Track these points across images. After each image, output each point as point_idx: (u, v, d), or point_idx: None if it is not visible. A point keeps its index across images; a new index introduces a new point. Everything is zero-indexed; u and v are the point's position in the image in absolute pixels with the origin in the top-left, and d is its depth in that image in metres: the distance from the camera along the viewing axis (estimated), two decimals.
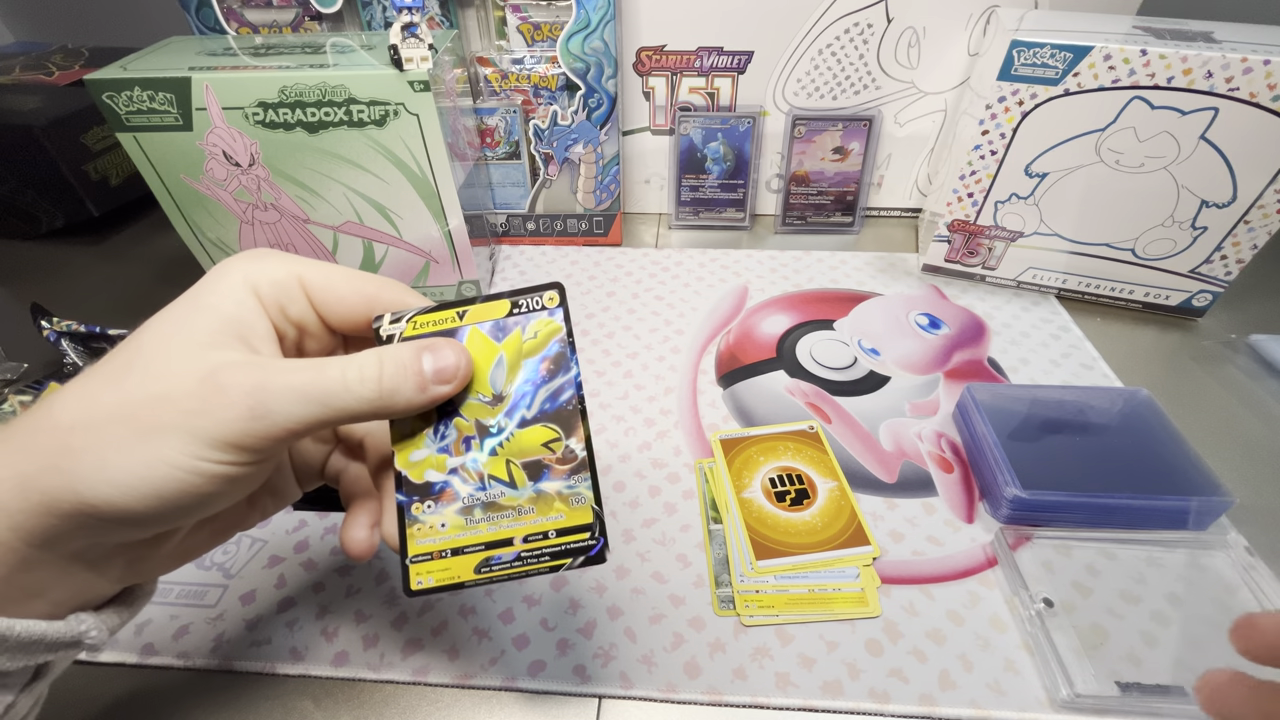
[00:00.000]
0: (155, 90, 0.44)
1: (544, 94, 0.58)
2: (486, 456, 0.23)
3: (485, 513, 0.23)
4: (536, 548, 0.23)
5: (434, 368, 0.21)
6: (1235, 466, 0.42)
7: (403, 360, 0.21)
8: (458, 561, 0.23)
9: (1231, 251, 0.50)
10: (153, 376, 0.18)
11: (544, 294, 0.24)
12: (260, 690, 0.32)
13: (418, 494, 0.23)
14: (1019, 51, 0.47)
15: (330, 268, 0.23)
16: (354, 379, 0.20)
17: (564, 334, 0.23)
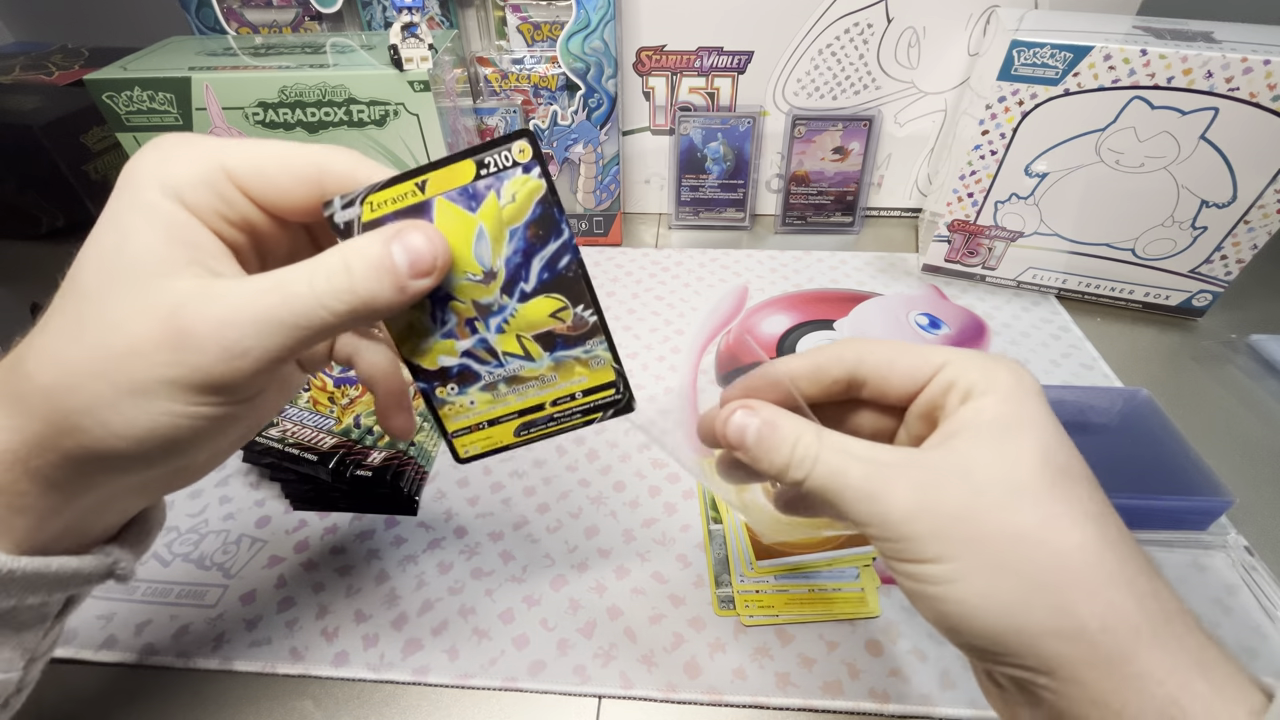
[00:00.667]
0: (155, 90, 0.44)
1: (544, 94, 0.58)
2: (495, 335, 0.22)
3: (509, 386, 0.23)
4: (566, 408, 0.23)
5: (407, 260, 0.19)
6: (1235, 466, 0.42)
7: (370, 258, 0.18)
8: (496, 430, 0.24)
9: (1231, 251, 0.50)
10: (112, 325, 0.17)
11: (513, 146, 0.20)
12: (260, 690, 0.32)
13: (437, 379, 0.23)
14: (1019, 51, 0.47)
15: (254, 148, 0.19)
16: (324, 291, 0.18)
17: (545, 191, 0.20)
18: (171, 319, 0.17)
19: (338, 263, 0.18)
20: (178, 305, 0.17)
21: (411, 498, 0.40)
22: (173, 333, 0.17)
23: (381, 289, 0.18)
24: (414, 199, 0.20)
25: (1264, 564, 0.36)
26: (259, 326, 0.17)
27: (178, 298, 0.17)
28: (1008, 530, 0.18)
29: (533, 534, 0.38)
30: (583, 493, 0.41)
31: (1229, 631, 0.33)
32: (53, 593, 0.20)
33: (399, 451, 0.40)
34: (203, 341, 0.17)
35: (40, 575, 0.19)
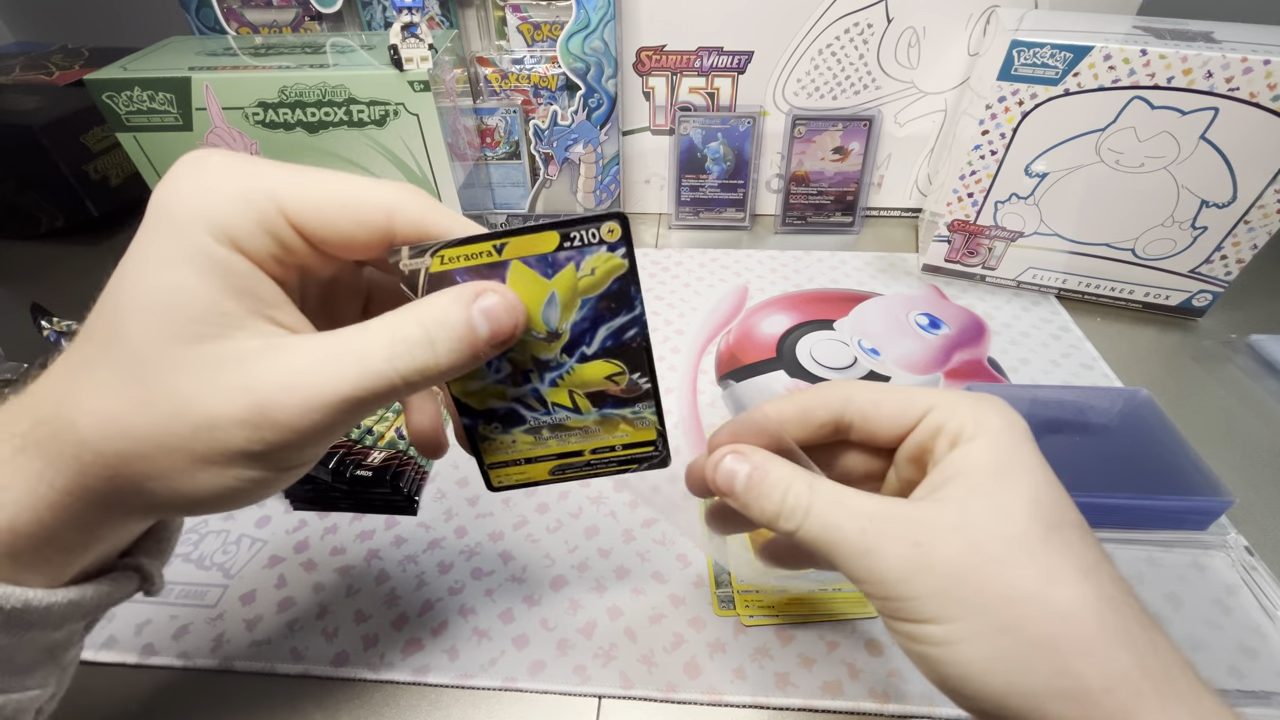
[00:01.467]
0: (155, 90, 0.44)
1: (544, 94, 0.58)
2: (548, 387, 0.22)
3: (552, 432, 0.23)
4: (604, 457, 0.24)
5: (489, 331, 0.18)
6: (1235, 466, 0.42)
7: (454, 328, 0.18)
8: (532, 467, 0.24)
9: (1231, 251, 0.50)
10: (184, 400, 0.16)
11: (601, 226, 0.19)
12: (260, 690, 0.32)
13: (482, 418, 0.23)
14: (1019, 51, 0.47)
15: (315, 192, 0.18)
16: (407, 370, 0.17)
17: (626, 271, 0.20)
18: (250, 395, 0.16)
19: (419, 335, 0.17)
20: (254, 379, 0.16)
21: (411, 498, 0.40)
22: (253, 410, 0.16)
23: (462, 360, 0.18)
24: (489, 259, 0.19)
25: (1264, 564, 0.36)
26: (337, 405, 0.17)
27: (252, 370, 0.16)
28: (1007, 588, 0.18)
29: (533, 534, 0.38)
30: (583, 493, 0.41)
31: (1229, 631, 0.33)
32: (86, 616, 0.20)
33: (399, 452, 0.40)
34: (285, 422, 0.16)
35: (75, 605, 0.19)
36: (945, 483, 0.20)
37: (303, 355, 0.17)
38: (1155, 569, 0.36)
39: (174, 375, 0.16)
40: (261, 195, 0.17)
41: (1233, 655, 0.32)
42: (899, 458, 0.23)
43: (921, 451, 0.21)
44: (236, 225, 0.17)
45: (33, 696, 0.19)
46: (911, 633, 0.19)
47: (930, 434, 0.21)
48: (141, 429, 0.16)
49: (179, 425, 0.16)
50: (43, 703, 0.20)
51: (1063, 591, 0.18)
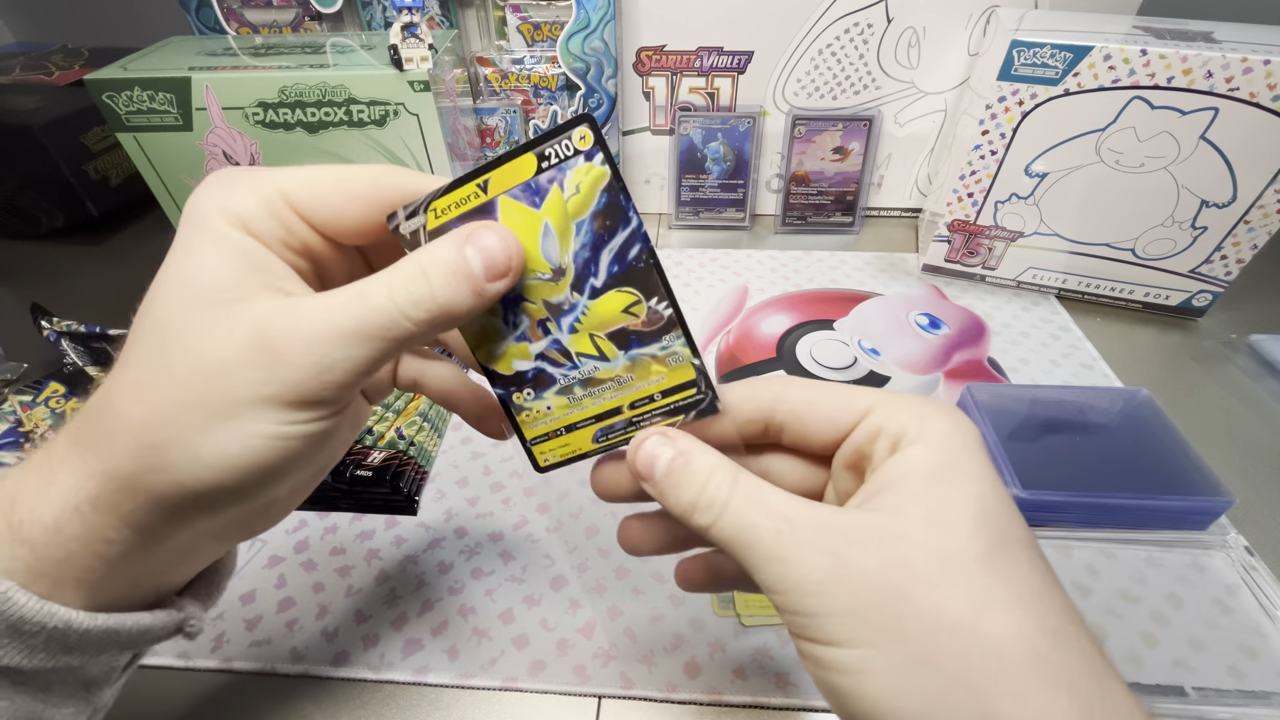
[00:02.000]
0: (155, 90, 0.44)
1: (544, 94, 0.58)
2: (568, 335, 0.21)
3: (585, 389, 0.22)
4: (645, 411, 0.22)
5: (482, 263, 0.18)
6: (1235, 466, 0.42)
7: (447, 263, 0.18)
8: (574, 436, 0.23)
9: (1231, 251, 0.50)
10: (199, 351, 0.17)
11: (573, 134, 0.19)
12: (260, 690, 0.32)
13: (513, 384, 0.22)
14: (1019, 51, 0.47)
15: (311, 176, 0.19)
16: (404, 301, 0.17)
17: (610, 178, 0.19)
18: (259, 338, 0.17)
19: (414, 270, 0.18)
20: (262, 324, 0.17)
21: (411, 498, 0.40)
22: (261, 351, 0.17)
23: (460, 294, 0.18)
24: (477, 200, 0.19)
25: (1264, 564, 0.36)
26: (345, 339, 0.17)
27: (261, 316, 0.17)
28: (931, 614, 0.16)
29: (533, 534, 0.38)
30: (583, 493, 0.41)
31: (1229, 631, 0.33)
32: (123, 651, 0.20)
33: (399, 451, 0.40)
34: (292, 357, 0.17)
35: (113, 633, 0.19)
36: (880, 490, 0.18)
37: (306, 301, 0.18)
38: (1155, 569, 0.36)
39: (189, 335, 0.17)
40: (268, 186, 0.19)
41: (1233, 655, 0.32)
42: (836, 465, 0.21)
43: (859, 457, 0.20)
44: (248, 212, 0.18)
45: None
46: (818, 656, 0.17)
47: (868, 437, 0.19)
48: (161, 390, 0.17)
49: (193, 379, 0.17)
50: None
51: (997, 622, 0.15)
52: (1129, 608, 0.34)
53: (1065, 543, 0.37)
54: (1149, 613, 0.34)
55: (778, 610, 0.18)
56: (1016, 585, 0.16)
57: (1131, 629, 0.33)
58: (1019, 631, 0.15)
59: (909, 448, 0.18)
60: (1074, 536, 0.37)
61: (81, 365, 0.46)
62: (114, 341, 0.48)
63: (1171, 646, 0.33)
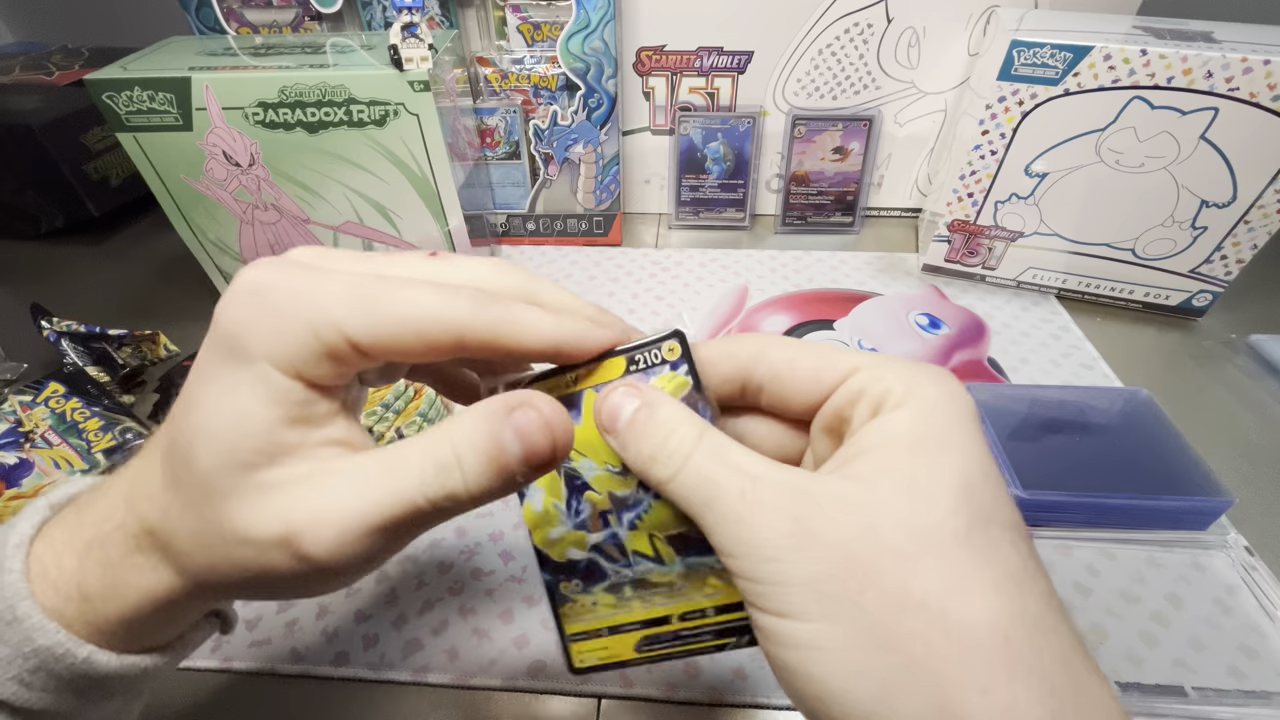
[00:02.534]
0: (155, 90, 0.44)
1: (544, 94, 0.58)
2: (627, 531, 0.21)
3: (636, 590, 0.21)
4: (695, 626, 0.21)
5: (522, 453, 0.17)
6: (1235, 466, 0.42)
7: (483, 452, 0.17)
8: (616, 640, 0.22)
9: (1231, 251, 0.50)
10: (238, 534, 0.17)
11: (662, 345, 0.19)
12: (260, 690, 0.32)
13: (563, 572, 0.22)
14: (1019, 51, 0.47)
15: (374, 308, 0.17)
16: (437, 496, 0.17)
17: (690, 389, 0.19)
18: (285, 541, 0.17)
19: (449, 459, 0.17)
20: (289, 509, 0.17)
21: None
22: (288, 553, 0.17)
23: (495, 485, 0.17)
24: (566, 390, 0.20)
25: (1264, 564, 0.36)
26: (368, 536, 0.17)
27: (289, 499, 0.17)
28: (899, 592, 0.14)
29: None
30: None
31: (1229, 631, 0.33)
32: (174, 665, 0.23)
33: None
34: (314, 556, 0.17)
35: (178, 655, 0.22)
36: (856, 455, 0.16)
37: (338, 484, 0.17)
38: (1155, 569, 0.36)
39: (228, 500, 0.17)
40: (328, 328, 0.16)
41: (1233, 655, 0.32)
42: (814, 429, 0.19)
43: (839, 421, 0.18)
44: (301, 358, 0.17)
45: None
46: (771, 628, 0.16)
47: (850, 399, 0.18)
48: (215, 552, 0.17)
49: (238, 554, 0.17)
50: None
51: (969, 605, 0.14)
52: (1129, 608, 0.34)
53: (1065, 543, 0.37)
54: (1149, 613, 0.34)
55: (733, 576, 0.17)
56: (995, 567, 0.15)
57: (1131, 629, 0.33)
58: (992, 617, 0.14)
59: (892, 412, 0.16)
60: (1074, 536, 0.37)
61: (81, 365, 0.46)
62: (113, 341, 0.48)
63: (1171, 646, 0.33)
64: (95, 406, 0.42)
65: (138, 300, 0.58)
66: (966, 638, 0.14)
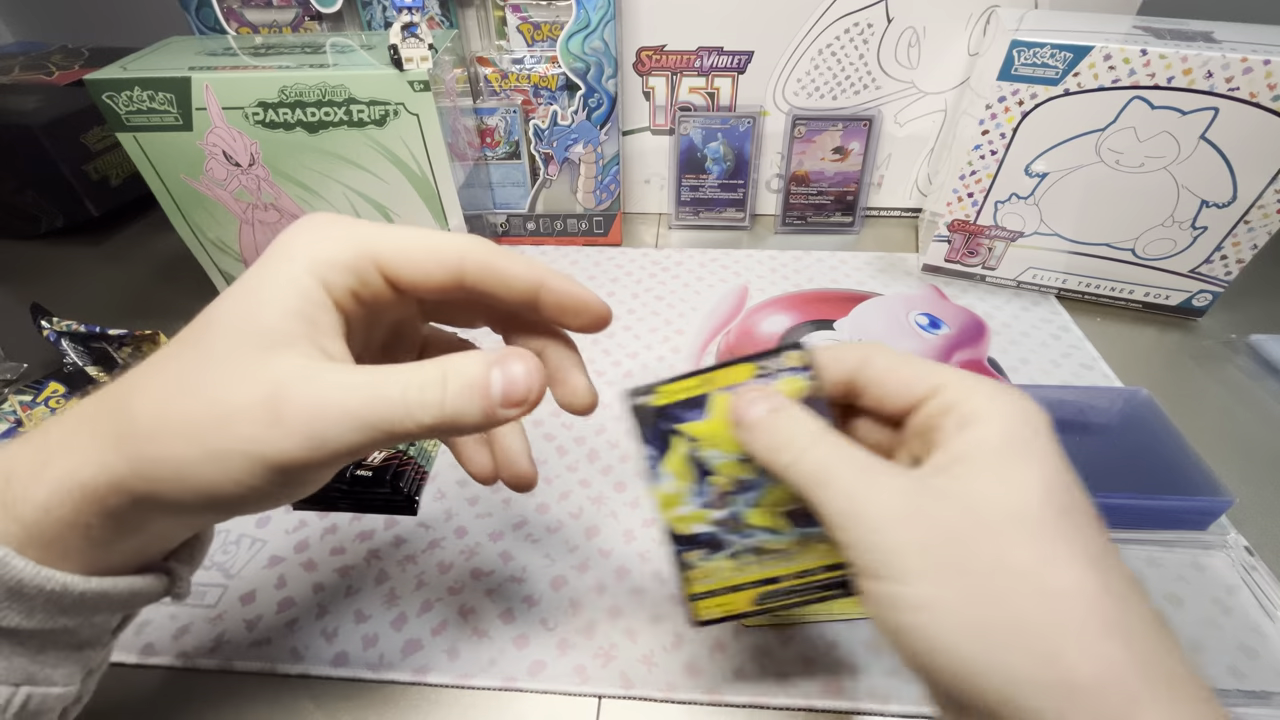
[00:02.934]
0: (155, 90, 0.44)
1: (544, 94, 0.58)
2: (746, 509, 0.24)
3: (754, 556, 0.24)
4: (804, 582, 0.24)
5: (503, 388, 0.19)
6: (1235, 466, 0.42)
7: (468, 377, 0.19)
8: (736, 596, 0.25)
9: (1231, 251, 0.50)
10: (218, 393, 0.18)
11: (786, 355, 0.22)
12: (260, 690, 0.32)
13: (688, 544, 0.25)
14: (1019, 51, 0.47)
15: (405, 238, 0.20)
16: (415, 401, 0.18)
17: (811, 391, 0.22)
18: (271, 398, 0.18)
19: (435, 375, 0.19)
20: (279, 385, 0.18)
21: (411, 498, 0.40)
22: (269, 411, 0.17)
23: (471, 409, 0.19)
24: (696, 391, 0.23)
25: (1264, 564, 0.36)
26: (345, 421, 0.18)
27: (281, 377, 0.18)
28: (1000, 560, 0.17)
29: (533, 534, 0.38)
30: (583, 493, 0.41)
31: (1229, 631, 0.33)
32: (115, 611, 0.21)
33: (399, 451, 0.40)
34: (292, 426, 0.17)
35: (105, 596, 0.20)
36: (952, 463, 0.19)
37: (328, 375, 0.18)
38: (1155, 569, 0.36)
39: (219, 373, 0.18)
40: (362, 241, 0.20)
41: (1233, 655, 0.32)
42: (909, 431, 0.22)
43: (930, 429, 0.20)
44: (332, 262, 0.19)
45: (58, 695, 0.20)
46: (883, 593, 0.18)
47: (941, 410, 0.20)
48: (176, 412, 0.18)
49: (205, 415, 0.18)
50: (68, 704, 0.21)
51: (1063, 575, 0.16)
52: None
53: None
54: None
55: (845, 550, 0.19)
56: (1080, 546, 0.17)
57: None
58: (1081, 584, 0.16)
59: (980, 426, 0.19)
60: None
61: (81, 365, 0.46)
62: (113, 342, 0.48)
63: None
64: None
65: (138, 300, 0.58)
66: (1062, 602, 0.16)
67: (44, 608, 0.19)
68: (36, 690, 0.19)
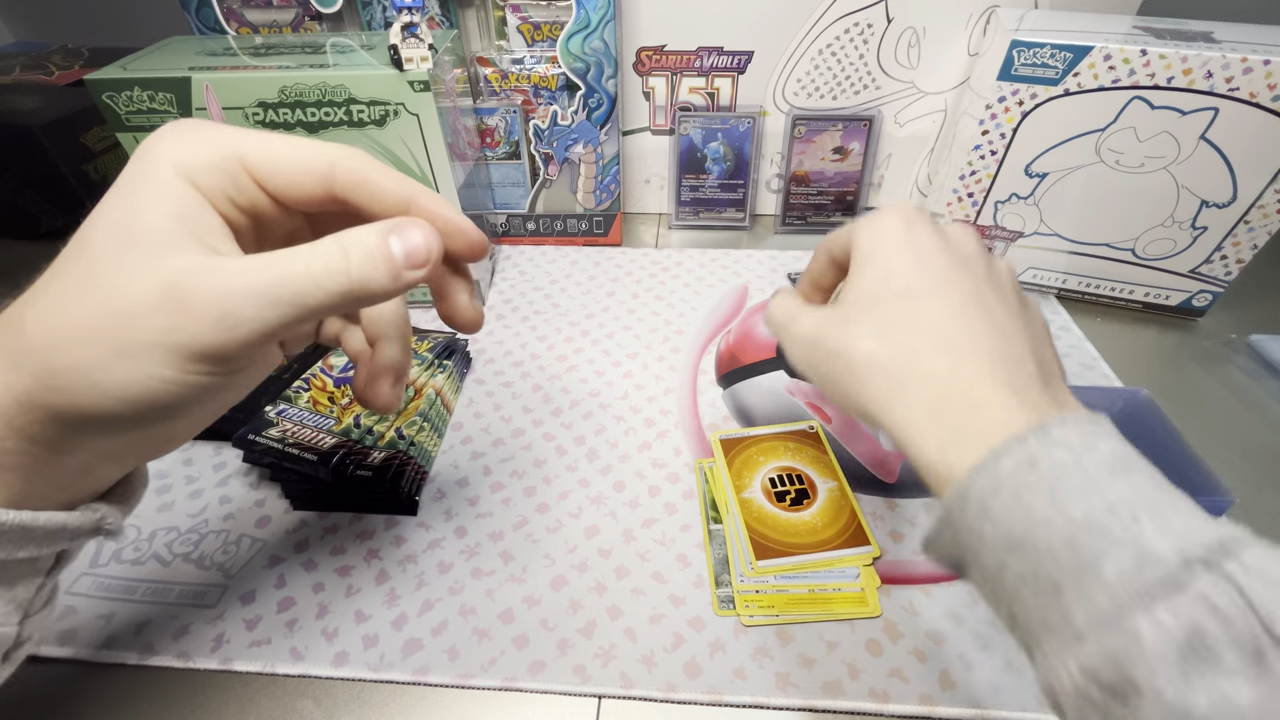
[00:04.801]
0: (155, 90, 0.44)
1: (544, 94, 0.58)
2: None
3: None
4: None
5: (405, 252, 0.20)
6: (1235, 466, 0.42)
7: (369, 247, 0.19)
8: None
9: (1231, 251, 0.50)
10: (113, 291, 0.18)
11: None
12: (260, 690, 0.32)
13: None
14: (1019, 51, 0.47)
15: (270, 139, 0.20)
16: (320, 272, 0.18)
17: None
18: (172, 287, 0.17)
19: (335, 248, 0.19)
20: (179, 276, 0.18)
21: (411, 498, 0.40)
22: (172, 301, 0.17)
23: (376, 275, 0.19)
24: None
25: None
26: (256, 299, 0.18)
27: (179, 269, 0.18)
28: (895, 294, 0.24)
29: (533, 534, 0.38)
30: (583, 493, 0.41)
31: None
32: (42, 547, 0.20)
33: (399, 451, 0.40)
34: (200, 310, 0.17)
35: (28, 529, 0.19)
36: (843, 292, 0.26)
37: (226, 260, 0.19)
38: None
39: (110, 274, 0.18)
40: (226, 144, 0.20)
41: None
42: None
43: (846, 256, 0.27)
44: (199, 164, 0.19)
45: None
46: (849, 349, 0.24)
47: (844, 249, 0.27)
48: (73, 317, 0.18)
49: (103, 314, 0.17)
50: (7, 646, 0.20)
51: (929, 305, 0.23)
52: None
53: None
54: None
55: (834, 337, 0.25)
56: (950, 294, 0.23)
57: None
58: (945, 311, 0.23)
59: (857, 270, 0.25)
60: None
61: None
62: None
63: None
64: None
65: None
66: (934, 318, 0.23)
67: None
68: None
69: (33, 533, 0.19)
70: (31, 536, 0.19)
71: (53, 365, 0.18)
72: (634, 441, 0.44)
